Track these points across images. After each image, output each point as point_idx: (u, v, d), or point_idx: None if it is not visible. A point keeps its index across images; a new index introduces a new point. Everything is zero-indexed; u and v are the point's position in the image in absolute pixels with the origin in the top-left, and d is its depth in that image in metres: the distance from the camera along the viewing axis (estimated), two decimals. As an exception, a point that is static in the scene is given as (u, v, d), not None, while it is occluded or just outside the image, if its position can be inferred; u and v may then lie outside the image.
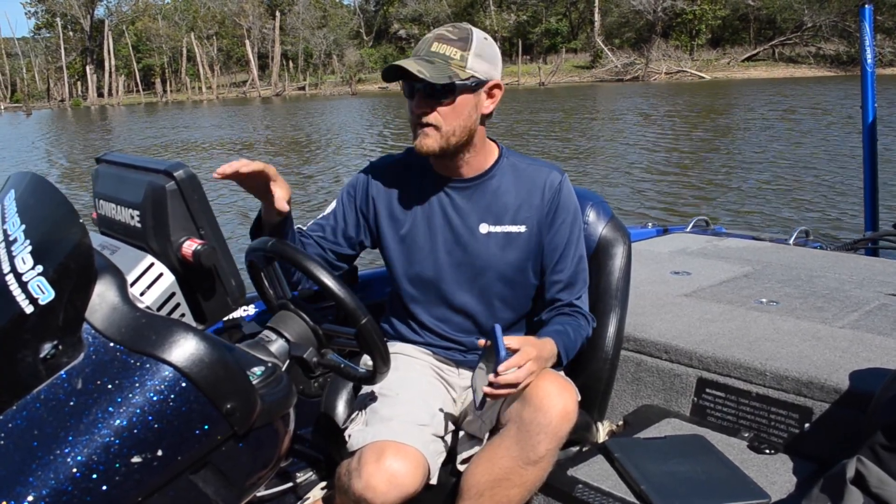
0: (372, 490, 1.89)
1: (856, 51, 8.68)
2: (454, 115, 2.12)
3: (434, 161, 2.27)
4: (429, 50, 2.09)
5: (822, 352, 2.53)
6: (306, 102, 53.23)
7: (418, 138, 2.14)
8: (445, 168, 2.27)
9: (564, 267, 2.29)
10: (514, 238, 2.26)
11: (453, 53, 2.09)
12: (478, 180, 2.27)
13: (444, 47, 2.10)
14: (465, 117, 2.14)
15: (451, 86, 2.08)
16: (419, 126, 2.13)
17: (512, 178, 2.29)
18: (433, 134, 2.12)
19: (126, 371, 1.29)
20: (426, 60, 2.08)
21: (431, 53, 2.09)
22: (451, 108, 2.11)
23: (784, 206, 11.50)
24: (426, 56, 2.09)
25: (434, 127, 2.11)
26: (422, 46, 2.12)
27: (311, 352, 1.85)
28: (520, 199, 2.27)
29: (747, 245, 4.30)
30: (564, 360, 2.18)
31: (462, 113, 2.13)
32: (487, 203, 2.26)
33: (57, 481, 1.19)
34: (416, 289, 2.32)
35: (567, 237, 2.29)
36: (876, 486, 1.67)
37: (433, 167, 2.30)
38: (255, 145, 24.83)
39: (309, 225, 2.38)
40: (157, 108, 57.30)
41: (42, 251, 1.37)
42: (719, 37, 60.28)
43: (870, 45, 5.71)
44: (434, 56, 2.09)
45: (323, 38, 70.07)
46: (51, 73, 73.75)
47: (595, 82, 56.26)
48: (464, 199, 2.27)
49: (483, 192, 2.27)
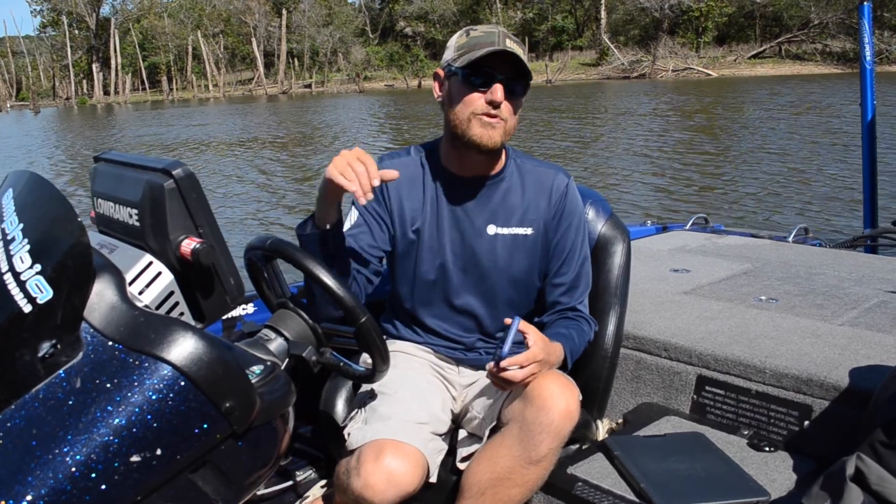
0: (371, 489, 1.88)
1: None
2: (516, 111, 2.16)
3: (456, 158, 2.25)
4: (506, 43, 2.08)
5: (822, 349, 2.53)
6: (314, 100, 53.27)
7: (483, 129, 2.11)
8: (465, 167, 2.26)
9: (568, 270, 2.30)
10: (520, 240, 2.26)
11: (522, 53, 2.10)
12: (489, 181, 2.27)
13: (515, 46, 2.09)
14: (517, 116, 2.18)
15: (528, 83, 2.13)
16: (488, 117, 2.11)
17: (519, 180, 2.29)
18: (500, 127, 2.12)
19: (125, 370, 1.29)
20: (518, 51, 2.08)
21: (512, 48, 2.08)
22: (518, 103, 2.15)
23: (783, 203, 11.48)
24: (512, 48, 2.07)
25: (502, 120, 2.12)
26: (495, 39, 2.08)
27: (311, 350, 1.85)
28: (527, 202, 2.27)
29: (746, 242, 4.30)
30: (570, 364, 2.19)
31: (518, 111, 2.17)
32: (496, 204, 2.26)
33: (56, 480, 1.18)
34: (421, 288, 2.32)
35: (572, 241, 2.30)
36: (876, 483, 1.67)
37: (444, 165, 2.29)
38: (275, 142, 24.88)
39: None
40: (164, 105, 57.37)
41: (40, 250, 1.37)
42: (725, 34, 60.15)
43: (869, 42, 5.71)
44: (517, 50, 2.08)
45: (329, 36, 70.10)
46: (56, 71, 73.85)
47: (602, 80, 56.21)
48: (474, 199, 2.27)
49: (493, 193, 2.27)
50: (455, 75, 2.12)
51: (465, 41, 2.12)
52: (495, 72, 2.07)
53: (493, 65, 2.07)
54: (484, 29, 2.14)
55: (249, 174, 17.95)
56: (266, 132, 28.79)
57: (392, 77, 66.31)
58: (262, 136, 26.93)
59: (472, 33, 2.13)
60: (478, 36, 2.11)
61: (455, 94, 2.14)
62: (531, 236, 2.27)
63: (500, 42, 2.07)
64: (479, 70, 2.08)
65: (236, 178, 17.48)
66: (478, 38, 2.10)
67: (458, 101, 2.13)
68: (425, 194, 2.29)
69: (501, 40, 2.08)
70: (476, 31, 2.14)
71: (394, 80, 65.27)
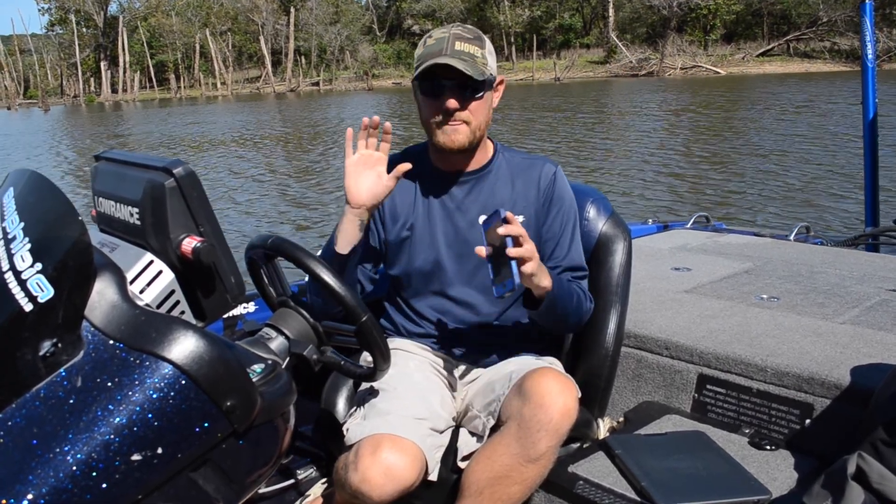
0: (368, 483, 1.88)
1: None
2: (481, 110, 2.20)
3: (441, 157, 2.32)
4: (454, 49, 2.12)
5: (823, 348, 2.53)
6: (322, 98, 53.26)
7: (446, 134, 2.19)
8: (451, 164, 2.31)
9: (561, 254, 2.32)
10: None
11: (475, 51, 2.15)
12: (477, 174, 2.32)
13: (466, 46, 2.14)
14: (486, 111, 2.23)
15: (483, 82, 2.15)
16: (449, 122, 2.17)
17: (508, 172, 2.34)
18: (464, 130, 2.18)
19: (126, 369, 1.29)
20: (460, 59, 2.11)
21: (458, 52, 2.12)
22: (480, 103, 2.18)
23: (784, 201, 11.44)
24: (454, 55, 2.11)
25: (465, 122, 2.17)
26: (443, 46, 2.13)
27: (311, 349, 1.86)
28: (517, 192, 2.32)
29: (748, 241, 4.30)
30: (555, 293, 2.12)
31: (485, 107, 2.22)
32: (486, 196, 2.31)
33: (57, 479, 1.19)
34: (417, 282, 2.36)
35: (562, 225, 2.33)
36: (877, 481, 1.68)
37: (434, 164, 2.35)
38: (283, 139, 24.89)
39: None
40: (172, 103, 57.39)
41: (41, 249, 1.37)
42: (732, 32, 59.99)
43: (870, 40, 5.68)
44: (462, 54, 2.12)
45: (336, 34, 70.11)
46: (63, 69, 73.98)
47: (610, 77, 56.09)
48: (464, 193, 2.32)
49: (482, 186, 2.32)
50: (418, 87, 2.21)
51: (421, 52, 2.19)
52: (444, 80, 2.13)
53: (441, 73, 2.12)
54: (437, 35, 2.18)
55: (254, 171, 17.95)
56: (274, 130, 28.78)
57: (399, 75, 66.24)
58: (272, 134, 26.92)
59: (428, 42, 2.19)
60: (430, 45, 2.17)
61: (420, 103, 2.25)
62: (522, 224, 2.27)
63: (448, 49, 2.12)
64: (430, 81, 2.15)
65: (242, 175, 17.48)
66: (429, 48, 2.16)
67: (422, 109, 2.24)
68: (416, 192, 2.35)
69: (449, 47, 2.12)
70: (431, 39, 2.19)
71: (401, 77, 65.18)
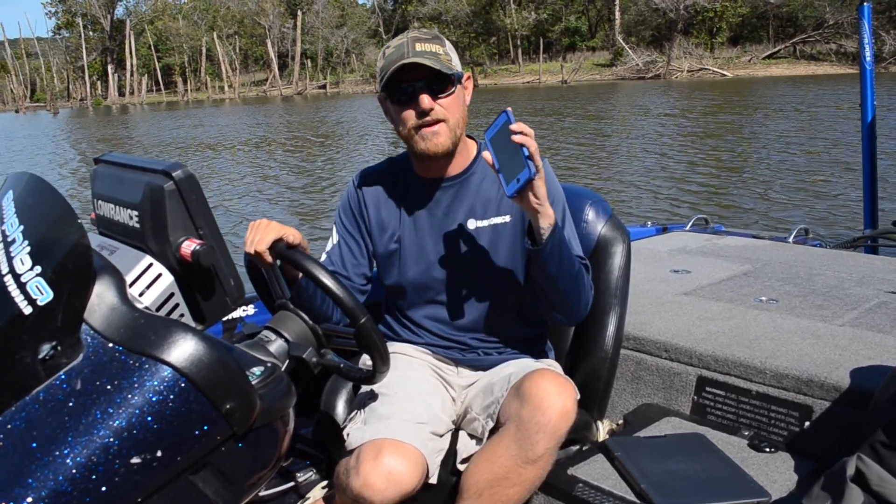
0: (370, 488, 1.89)
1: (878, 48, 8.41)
2: (455, 106, 2.17)
3: (423, 166, 2.29)
4: (415, 50, 2.10)
5: (822, 350, 2.53)
6: (329, 101, 53.18)
7: (426, 140, 2.15)
8: (434, 170, 2.29)
9: None
10: (500, 229, 2.26)
11: (437, 49, 2.12)
12: (461, 177, 2.29)
13: (427, 45, 2.12)
14: (461, 107, 2.20)
15: (452, 76, 2.13)
16: (426, 126, 2.14)
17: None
18: (443, 130, 2.15)
19: (125, 372, 1.29)
20: (424, 57, 2.09)
21: (420, 52, 2.09)
22: (452, 98, 2.15)
23: (784, 203, 11.40)
24: (417, 55, 2.09)
25: (443, 122, 2.14)
26: (403, 50, 2.11)
27: (311, 352, 1.86)
28: (502, 190, 2.29)
29: (747, 243, 4.30)
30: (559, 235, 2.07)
31: (459, 103, 2.19)
32: (472, 198, 2.28)
33: (56, 482, 1.19)
34: (411, 293, 2.34)
35: None
36: (876, 483, 1.68)
37: (417, 172, 2.32)
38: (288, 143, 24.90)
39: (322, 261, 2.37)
40: (179, 106, 57.45)
41: (40, 252, 1.38)
42: (738, 34, 59.86)
43: (869, 43, 5.69)
44: (425, 54, 2.10)
45: (343, 38, 70.15)
46: (70, 72, 74.13)
47: (617, 80, 55.97)
48: (449, 198, 2.29)
49: (467, 188, 2.29)
50: (386, 98, 2.19)
51: (382, 63, 2.17)
52: (413, 83, 2.11)
53: (408, 77, 2.10)
54: (394, 44, 2.16)
55: (257, 174, 17.93)
56: (280, 134, 28.77)
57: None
58: (277, 138, 26.91)
59: (387, 52, 2.17)
60: (390, 54, 2.15)
61: (392, 115, 2.22)
62: (510, 222, 2.26)
63: (409, 51, 2.10)
64: (398, 87, 2.13)
65: (242, 176, 17.51)
66: (390, 57, 2.14)
67: (397, 120, 2.20)
68: (401, 203, 2.33)
69: (409, 49, 2.10)
70: (390, 48, 2.17)
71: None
